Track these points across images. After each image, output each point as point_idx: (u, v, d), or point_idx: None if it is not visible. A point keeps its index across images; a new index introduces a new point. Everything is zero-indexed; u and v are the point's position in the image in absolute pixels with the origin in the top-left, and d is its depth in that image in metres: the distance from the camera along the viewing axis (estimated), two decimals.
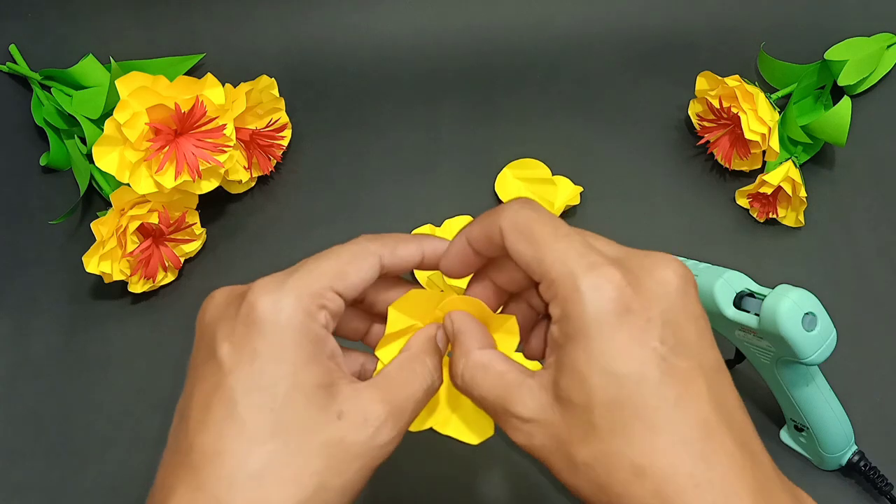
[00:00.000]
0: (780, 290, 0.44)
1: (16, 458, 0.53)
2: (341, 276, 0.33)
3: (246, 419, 0.30)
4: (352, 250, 0.34)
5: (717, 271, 0.47)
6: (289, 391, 0.30)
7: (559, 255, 0.30)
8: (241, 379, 0.30)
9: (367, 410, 0.32)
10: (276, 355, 0.30)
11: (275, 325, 0.31)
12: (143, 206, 0.53)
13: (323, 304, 0.32)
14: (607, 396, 0.29)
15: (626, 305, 0.29)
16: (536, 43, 0.67)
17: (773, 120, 0.57)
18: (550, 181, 0.58)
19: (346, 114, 0.64)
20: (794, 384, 0.47)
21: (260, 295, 0.31)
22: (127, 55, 0.63)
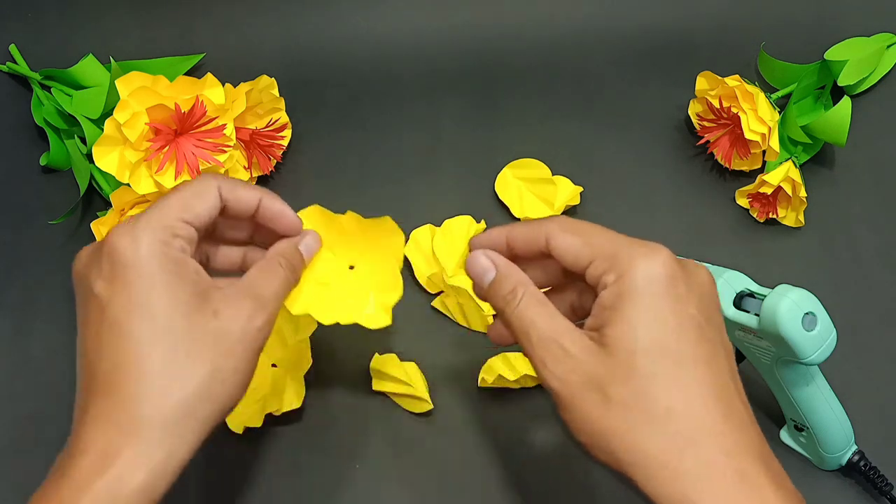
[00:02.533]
0: (780, 290, 0.44)
1: (16, 458, 0.53)
2: (187, 207, 0.38)
3: (134, 333, 0.35)
4: (195, 185, 0.39)
5: (716, 271, 0.47)
6: (166, 303, 0.35)
7: (611, 239, 0.37)
8: (120, 304, 0.35)
9: (237, 305, 0.37)
10: (145, 279, 0.35)
11: (136, 256, 0.36)
12: (143, 206, 0.53)
13: (175, 233, 0.37)
14: (653, 344, 0.34)
15: (673, 276, 0.35)
16: (536, 43, 0.67)
17: (773, 120, 0.57)
18: (550, 181, 0.58)
19: (346, 114, 0.64)
20: (794, 384, 0.47)
21: (118, 237, 0.36)
22: (127, 55, 0.63)
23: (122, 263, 0.36)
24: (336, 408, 0.54)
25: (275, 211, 0.42)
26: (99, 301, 0.36)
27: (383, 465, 0.53)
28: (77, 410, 0.37)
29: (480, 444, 0.53)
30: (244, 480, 0.52)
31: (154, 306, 0.35)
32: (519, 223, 0.40)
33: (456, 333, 0.56)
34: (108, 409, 0.35)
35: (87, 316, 0.36)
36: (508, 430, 0.53)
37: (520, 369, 0.52)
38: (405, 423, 0.54)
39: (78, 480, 0.34)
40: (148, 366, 0.35)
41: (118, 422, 0.34)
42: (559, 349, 0.35)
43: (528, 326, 0.37)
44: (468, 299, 0.54)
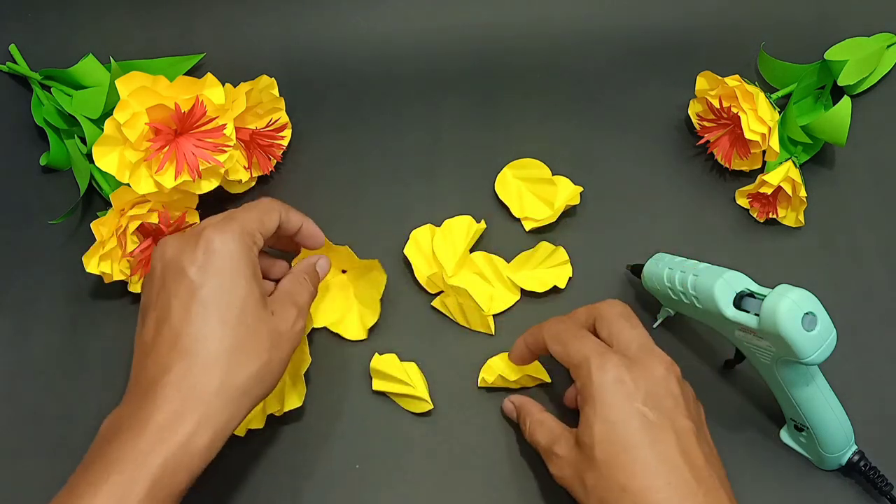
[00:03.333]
0: (780, 290, 0.44)
1: (16, 458, 0.53)
2: (262, 223, 0.47)
3: (219, 315, 0.43)
4: (266, 205, 0.48)
5: (717, 271, 0.47)
6: (244, 296, 0.43)
7: (579, 348, 0.46)
8: (211, 288, 0.43)
9: (286, 309, 0.47)
10: (233, 273, 0.44)
11: (229, 252, 0.44)
12: (143, 206, 0.53)
13: (254, 240, 0.46)
14: (604, 437, 0.42)
15: (621, 378, 0.43)
16: (536, 43, 0.67)
17: (773, 120, 0.57)
18: (550, 181, 0.58)
19: (346, 114, 0.64)
20: (794, 384, 0.47)
21: (214, 233, 0.44)
22: (127, 55, 0.63)
23: (217, 255, 0.44)
24: (336, 408, 0.54)
25: (312, 232, 0.51)
26: (191, 282, 0.43)
27: (383, 464, 0.53)
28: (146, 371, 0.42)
29: (480, 444, 0.53)
30: (244, 480, 0.52)
31: (237, 296, 0.43)
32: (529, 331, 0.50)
33: (456, 333, 0.56)
34: (182, 372, 0.41)
35: (178, 292, 0.43)
36: (508, 431, 0.53)
37: (520, 370, 0.52)
38: (405, 423, 0.54)
39: (153, 434, 0.40)
40: (224, 345, 0.42)
41: (192, 387, 0.41)
42: (553, 455, 0.46)
43: (535, 443, 0.48)
44: (468, 299, 0.54)
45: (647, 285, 0.54)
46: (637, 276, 0.55)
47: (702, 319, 0.50)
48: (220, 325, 0.42)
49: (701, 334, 0.56)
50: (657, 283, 0.52)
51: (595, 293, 0.57)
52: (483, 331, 0.56)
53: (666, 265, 0.52)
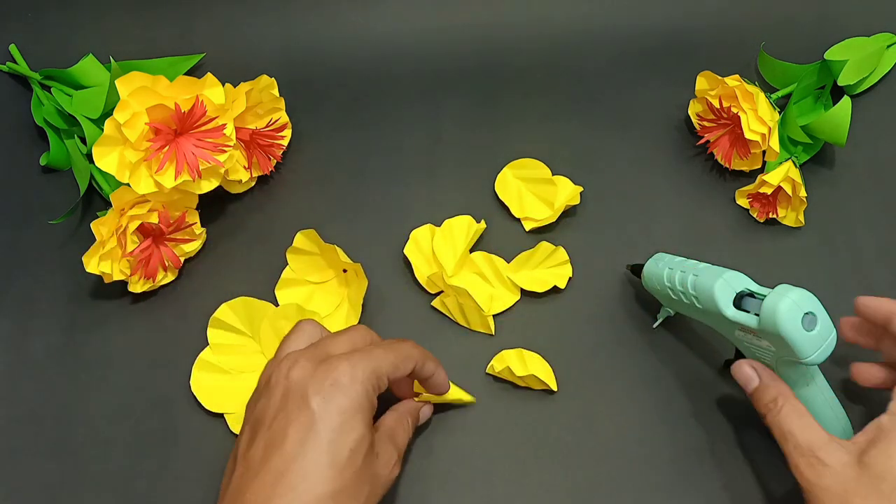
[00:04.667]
0: (780, 290, 0.44)
1: (16, 458, 0.53)
2: (395, 368, 0.45)
3: (331, 455, 0.41)
4: (406, 352, 0.47)
5: (716, 271, 0.47)
6: (359, 439, 0.42)
7: None
8: (330, 425, 0.42)
9: (388, 453, 0.46)
10: (354, 413, 0.42)
11: (355, 392, 0.43)
12: (143, 205, 0.53)
13: (380, 384, 0.44)
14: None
15: None
16: (536, 43, 0.67)
17: (773, 120, 0.57)
18: (550, 181, 0.58)
19: (346, 114, 0.64)
20: (795, 384, 0.47)
21: (347, 368, 0.43)
22: (127, 55, 0.63)
23: (341, 392, 0.42)
24: None
25: (441, 381, 0.50)
26: (312, 413, 0.42)
27: None
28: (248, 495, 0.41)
29: (480, 443, 0.53)
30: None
31: (352, 439, 0.42)
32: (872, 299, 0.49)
33: (456, 333, 0.56)
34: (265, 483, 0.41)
35: (297, 420, 0.42)
36: (509, 431, 0.53)
37: (530, 368, 0.52)
38: None
39: None
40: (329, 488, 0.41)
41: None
42: (814, 458, 0.43)
43: (786, 434, 0.44)
44: (468, 299, 0.54)
45: (646, 285, 0.54)
46: (637, 276, 0.55)
47: (702, 319, 0.50)
48: (330, 467, 0.41)
49: (701, 334, 0.56)
50: (657, 283, 0.52)
51: (595, 293, 0.57)
52: (483, 331, 0.56)
53: (666, 265, 0.51)
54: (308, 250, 0.56)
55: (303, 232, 0.55)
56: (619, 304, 0.57)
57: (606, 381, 0.54)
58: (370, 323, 0.56)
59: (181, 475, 0.51)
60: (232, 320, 0.54)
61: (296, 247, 0.56)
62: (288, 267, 0.57)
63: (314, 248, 0.56)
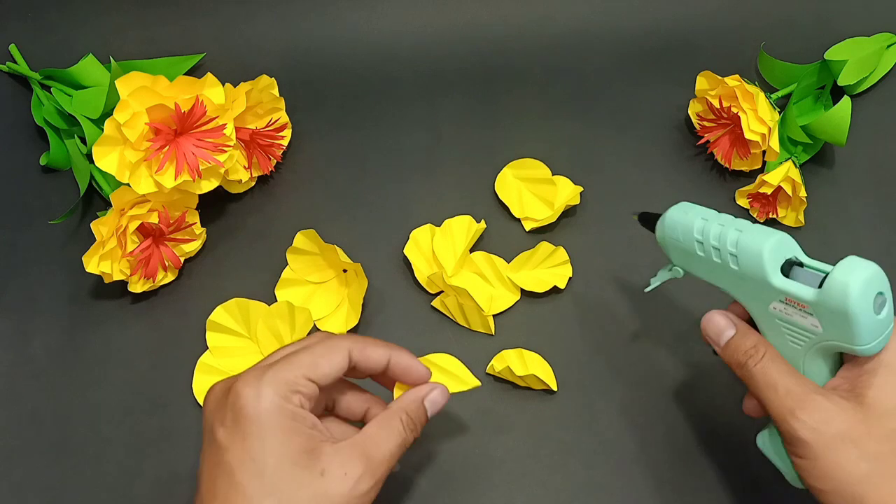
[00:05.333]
0: (851, 262, 0.38)
1: (16, 458, 0.53)
2: (315, 367, 0.40)
3: (243, 484, 0.36)
4: (326, 347, 0.41)
5: (766, 231, 0.42)
6: (276, 458, 0.37)
7: None
8: (235, 454, 0.37)
9: (346, 466, 0.38)
10: (261, 432, 0.37)
11: (256, 409, 0.38)
12: (143, 205, 0.53)
13: (296, 389, 0.39)
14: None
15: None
16: (536, 43, 0.67)
17: (773, 120, 0.57)
18: (550, 181, 0.58)
19: (346, 114, 0.64)
20: (824, 378, 0.42)
21: (243, 387, 0.38)
22: (127, 55, 0.63)
23: (244, 415, 0.38)
24: None
25: (403, 367, 0.43)
26: (218, 447, 0.38)
27: None
28: None
29: (480, 443, 0.53)
30: None
31: (265, 462, 0.37)
32: None
33: (456, 333, 0.56)
34: None
35: (207, 457, 0.38)
36: (509, 430, 0.53)
37: (530, 368, 0.52)
38: None
39: None
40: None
41: None
42: (812, 401, 0.39)
43: (774, 379, 0.40)
44: (468, 299, 0.54)
45: (664, 236, 0.46)
46: (648, 227, 0.48)
47: (725, 286, 0.44)
48: (246, 498, 0.36)
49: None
50: (681, 235, 0.45)
51: (595, 293, 0.57)
52: (483, 331, 0.56)
53: (699, 215, 0.44)
54: (308, 250, 0.56)
55: (303, 232, 0.55)
56: (619, 304, 0.57)
57: (606, 381, 0.54)
58: (370, 323, 0.56)
59: (181, 475, 0.51)
60: (228, 322, 0.54)
61: (296, 247, 0.56)
62: (288, 267, 0.57)
63: (314, 248, 0.56)
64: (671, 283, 0.48)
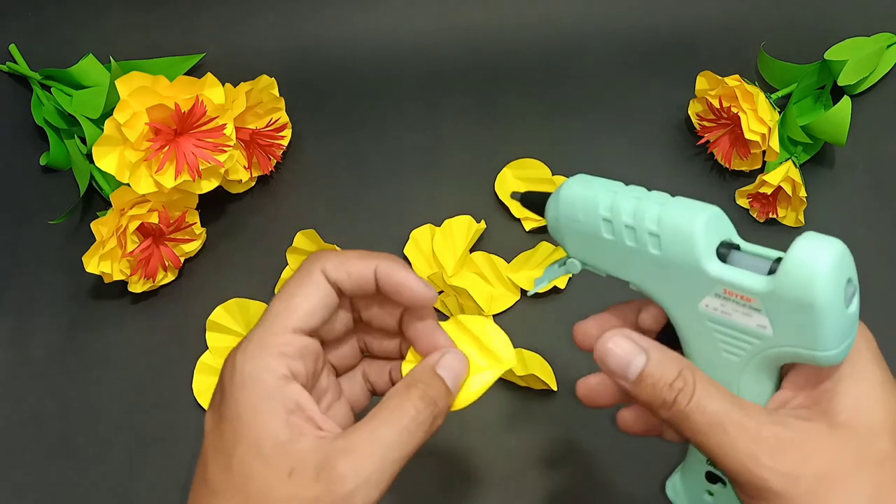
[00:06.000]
0: (814, 240, 0.30)
1: (16, 458, 0.53)
2: (291, 311, 0.33)
3: (212, 480, 0.31)
4: (296, 277, 0.34)
5: (693, 204, 0.33)
6: (244, 452, 0.31)
7: None
8: (211, 442, 0.32)
9: (322, 465, 0.30)
10: (232, 418, 0.31)
11: (231, 390, 0.31)
12: (143, 205, 0.53)
13: (280, 351, 0.32)
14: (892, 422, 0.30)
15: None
16: (536, 43, 0.67)
17: (773, 120, 0.57)
18: (550, 181, 0.58)
19: (346, 114, 0.64)
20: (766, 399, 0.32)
21: (226, 362, 0.32)
22: (127, 55, 0.63)
23: (224, 395, 0.32)
24: None
25: (396, 282, 0.34)
26: (205, 432, 0.32)
27: None
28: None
29: (480, 443, 0.53)
30: None
31: (234, 454, 0.31)
32: None
33: None
34: None
35: (203, 444, 0.33)
36: (509, 430, 0.53)
37: (530, 368, 0.52)
38: None
39: None
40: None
41: None
42: (777, 437, 0.29)
43: (718, 417, 0.30)
44: (468, 299, 0.54)
45: (558, 217, 0.36)
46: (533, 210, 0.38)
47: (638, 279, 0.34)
48: (212, 495, 0.31)
49: None
50: (581, 213, 0.35)
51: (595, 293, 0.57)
52: None
53: (605, 187, 0.35)
54: (308, 250, 0.56)
55: (303, 232, 0.55)
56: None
57: None
58: None
59: (181, 475, 0.51)
60: (227, 322, 0.54)
61: (296, 247, 0.56)
62: (288, 267, 0.57)
63: (314, 248, 0.56)
64: None
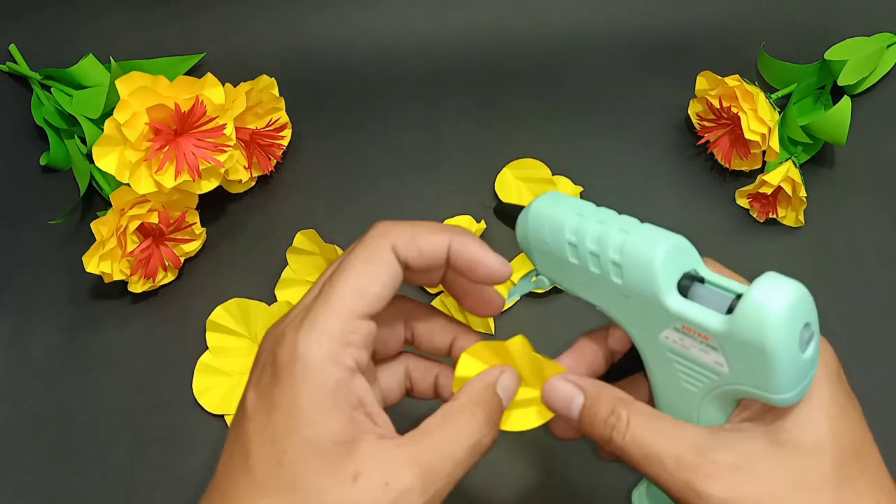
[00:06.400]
0: (772, 281, 0.30)
1: (16, 458, 0.53)
2: (361, 295, 0.30)
3: (256, 471, 0.28)
4: (364, 254, 0.32)
5: (657, 234, 0.32)
6: (299, 447, 0.28)
7: None
8: (257, 429, 0.29)
9: (390, 473, 0.29)
10: (289, 408, 0.29)
11: (291, 375, 0.29)
12: (143, 205, 0.53)
13: (347, 341, 0.30)
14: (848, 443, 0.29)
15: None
16: (536, 43, 0.67)
17: (773, 120, 0.57)
18: (550, 181, 0.58)
19: (346, 114, 0.64)
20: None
21: (285, 340, 0.30)
22: (127, 55, 0.63)
23: (277, 379, 0.29)
24: None
25: (470, 257, 0.32)
26: (244, 413, 0.30)
27: None
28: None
29: None
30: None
31: (287, 448, 0.28)
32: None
33: None
34: None
35: (236, 418, 0.31)
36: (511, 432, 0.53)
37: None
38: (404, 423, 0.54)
39: None
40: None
41: None
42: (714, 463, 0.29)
43: (653, 449, 0.30)
44: None
45: (526, 235, 0.35)
46: (506, 221, 0.37)
47: (603, 303, 0.34)
48: (256, 487, 0.28)
49: None
50: (548, 234, 0.34)
51: None
52: (483, 331, 0.56)
53: (572, 209, 0.34)
54: (308, 250, 0.56)
55: (303, 232, 0.55)
56: None
57: None
58: None
59: (181, 475, 0.51)
60: (228, 322, 0.54)
61: (296, 247, 0.56)
62: (288, 267, 0.57)
63: (314, 248, 0.56)
64: None
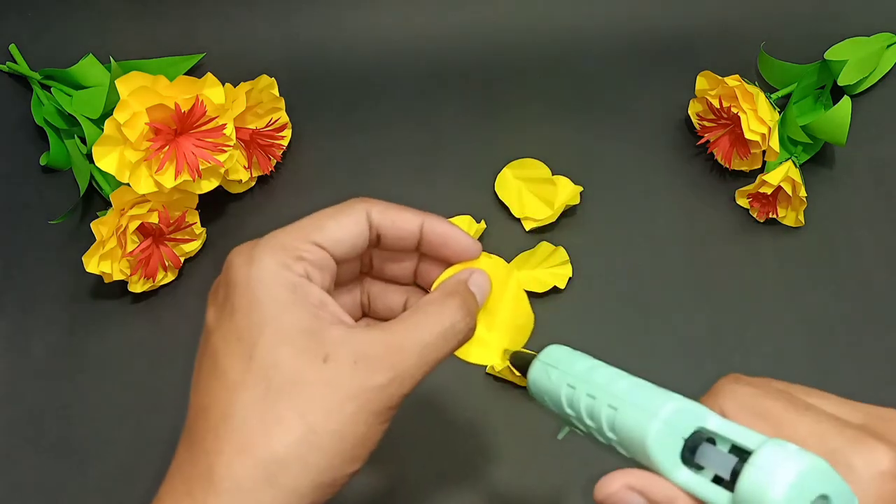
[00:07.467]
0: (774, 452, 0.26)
1: (16, 458, 0.53)
2: (319, 228, 0.33)
3: (226, 369, 0.30)
4: (337, 207, 0.34)
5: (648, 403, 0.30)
6: (267, 338, 0.30)
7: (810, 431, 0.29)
8: (221, 335, 0.31)
9: (358, 352, 0.30)
10: (250, 307, 0.30)
11: (247, 279, 0.31)
12: (143, 205, 0.53)
13: (299, 255, 0.32)
14: None
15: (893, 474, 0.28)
16: (536, 43, 0.67)
17: (773, 120, 0.57)
18: (550, 181, 0.58)
19: (346, 114, 0.64)
20: None
21: (234, 257, 0.32)
22: (127, 55, 0.63)
23: (233, 288, 0.31)
24: None
25: (442, 234, 0.35)
26: (207, 329, 0.32)
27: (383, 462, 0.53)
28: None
29: (480, 443, 0.53)
30: None
31: (253, 341, 0.30)
32: None
33: None
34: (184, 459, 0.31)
35: (199, 346, 0.32)
36: (509, 431, 0.53)
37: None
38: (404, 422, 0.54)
39: None
40: (232, 414, 0.29)
41: (189, 477, 0.30)
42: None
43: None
44: None
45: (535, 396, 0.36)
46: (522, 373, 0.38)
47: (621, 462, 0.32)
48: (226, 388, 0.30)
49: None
50: (551, 403, 0.34)
51: (595, 293, 0.57)
52: None
53: (564, 379, 0.34)
54: None
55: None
56: (619, 304, 0.57)
57: None
58: None
59: None
60: None
61: None
62: None
63: None
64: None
